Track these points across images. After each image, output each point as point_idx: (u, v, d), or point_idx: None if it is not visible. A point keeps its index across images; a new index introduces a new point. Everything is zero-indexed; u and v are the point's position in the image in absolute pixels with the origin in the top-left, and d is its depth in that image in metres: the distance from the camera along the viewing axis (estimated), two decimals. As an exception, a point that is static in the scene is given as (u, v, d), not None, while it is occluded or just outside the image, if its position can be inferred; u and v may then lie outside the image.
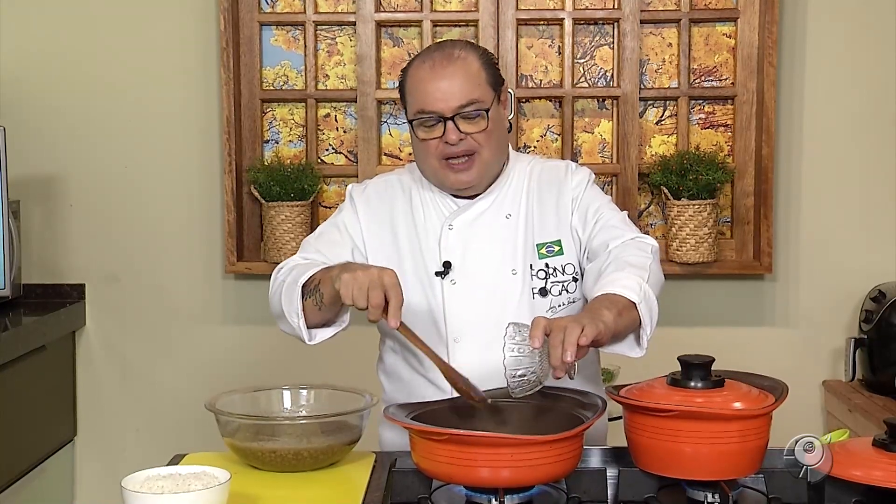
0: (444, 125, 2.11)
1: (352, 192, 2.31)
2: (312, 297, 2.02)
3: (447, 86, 2.11)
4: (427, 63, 2.15)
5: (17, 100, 3.50)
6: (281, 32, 3.53)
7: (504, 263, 2.21)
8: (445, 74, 2.12)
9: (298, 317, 2.04)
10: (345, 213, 2.29)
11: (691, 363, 1.82)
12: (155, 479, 1.68)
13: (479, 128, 2.13)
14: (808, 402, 3.49)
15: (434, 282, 2.20)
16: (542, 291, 2.21)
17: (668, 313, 3.38)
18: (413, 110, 2.15)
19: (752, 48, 3.44)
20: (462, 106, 2.11)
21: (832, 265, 3.49)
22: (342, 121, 3.54)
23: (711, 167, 3.32)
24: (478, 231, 2.22)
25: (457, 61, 2.14)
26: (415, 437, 1.79)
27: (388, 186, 2.31)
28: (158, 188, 3.54)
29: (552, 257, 2.22)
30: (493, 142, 2.17)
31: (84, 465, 3.59)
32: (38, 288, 3.52)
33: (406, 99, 2.19)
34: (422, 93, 2.13)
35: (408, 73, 2.19)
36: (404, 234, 2.24)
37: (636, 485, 1.83)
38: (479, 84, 2.14)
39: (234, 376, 3.35)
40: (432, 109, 2.12)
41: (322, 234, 2.28)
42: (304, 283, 2.01)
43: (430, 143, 2.14)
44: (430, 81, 2.12)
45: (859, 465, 1.72)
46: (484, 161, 2.16)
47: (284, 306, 2.06)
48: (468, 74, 2.13)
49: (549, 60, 3.50)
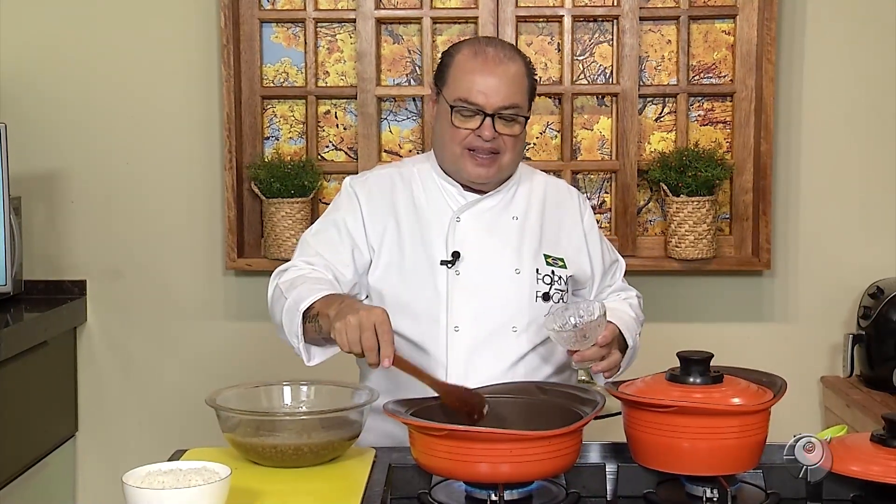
0: (483, 120, 2.17)
1: (353, 185, 2.33)
2: (313, 324, 2.05)
3: (495, 84, 2.18)
4: (480, 56, 2.20)
5: (18, 96, 3.51)
6: (281, 29, 3.53)
7: (508, 261, 2.26)
8: (496, 72, 2.18)
9: (299, 340, 2.08)
10: (344, 210, 2.30)
11: (690, 359, 1.83)
12: (156, 474, 1.69)
13: (513, 132, 2.21)
14: (807, 397, 3.50)
15: (438, 271, 2.23)
16: (546, 296, 2.26)
17: (667, 309, 3.44)
18: (455, 96, 2.20)
19: (751, 45, 3.44)
20: (504, 107, 2.18)
21: (830, 261, 3.49)
22: (342, 117, 3.54)
23: (710, 164, 3.33)
24: (485, 227, 2.28)
25: (508, 63, 2.20)
26: (414, 433, 1.79)
27: (388, 178, 2.35)
28: (159, 185, 3.54)
29: (557, 268, 2.30)
30: (517, 148, 2.26)
31: (85, 460, 3.60)
32: (40, 284, 3.52)
33: (447, 81, 2.23)
34: (469, 83, 2.19)
35: (455, 59, 2.24)
36: (408, 224, 2.28)
37: (635, 480, 1.84)
38: (522, 91, 2.22)
39: (235, 372, 3.36)
40: (475, 102, 2.18)
41: (320, 233, 2.30)
42: (304, 311, 2.04)
43: (461, 131, 2.20)
44: (480, 74, 2.18)
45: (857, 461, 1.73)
46: (504, 163, 2.25)
47: (285, 325, 2.10)
48: (515, 79, 2.20)
49: (548, 57, 3.51)
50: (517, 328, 2.23)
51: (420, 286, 2.22)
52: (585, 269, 2.36)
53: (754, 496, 1.82)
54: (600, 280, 2.41)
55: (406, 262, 2.25)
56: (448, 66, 2.24)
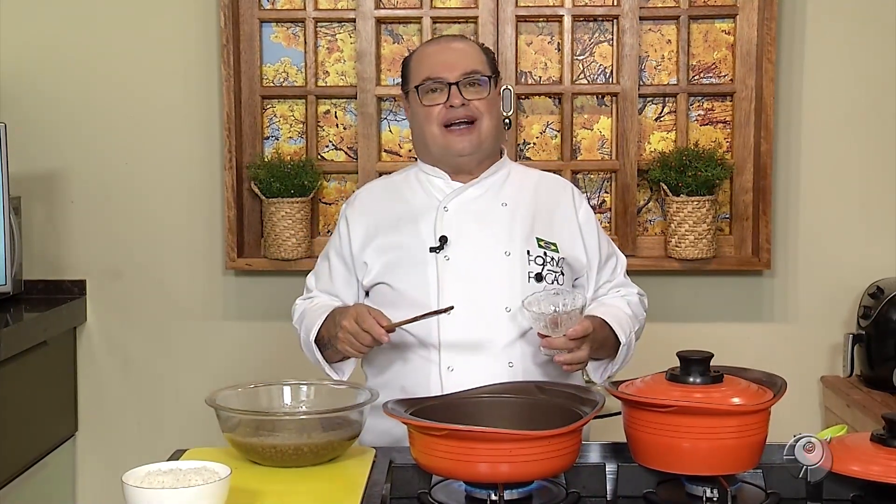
0: (449, 91, 2.30)
1: (344, 210, 2.47)
2: (331, 349, 2.30)
3: (453, 56, 2.34)
4: (433, 44, 2.42)
5: (18, 96, 3.51)
6: (281, 29, 3.53)
7: (498, 244, 2.30)
8: (450, 48, 2.37)
9: (323, 364, 2.35)
10: (334, 239, 2.45)
11: (690, 359, 1.83)
12: (156, 474, 1.69)
13: (481, 95, 2.32)
14: (807, 397, 3.50)
15: (428, 259, 2.29)
16: (538, 277, 2.30)
17: (667, 309, 3.44)
18: (419, 78, 2.33)
19: (751, 45, 3.44)
20: (466, 74, 2.31)
21: (830, 261, 3.49)
22: (342, 117, 3.54)
23: (710, 164, 3.33)
24: (472, 214, 2.34)
25: (460, 42, 2.42)
26: (414, 433, 1.79)
27: (375, 188, 2.49)
28: (159, 185, 3.54)
29: (550, 250, 2.33)
30: (493, 114, 2.34)
31: (85, 460, 3.60)
32: (40, 284, 3.52)
33: (410, 76, 2.37)
34: (428, 63, 2.34)
35: (413, 55, 2.42)
36: (398, 219, 2.35)
37: (635, 480, 1.84)
38: (480, 59, 2.36)
39: (235, 372, 3.36)
40: (438, 76, 2.31)
41: (317, 268, 2.49)
42: (315, 340, 2.30)
43: (433, 109, 2.32)
44: (437, 53, 2.36)
45: (857, 461, 1.73)
46: (484, 130, 2.33)
47: (310, 358, 2.37)
48: (469, 51, 2.38)
49: (548, 57, 3.51)
50: (510, 308, 2.25)
51: (411, 276, 2.28)
52: (580, 257, 2.38)
53: (754, 496, 1.82)
54: (597, 273, 2.41)
55: (397, 257, 2.31)
56: (407, 65, 2.41)
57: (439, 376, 2.23)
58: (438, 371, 2.24)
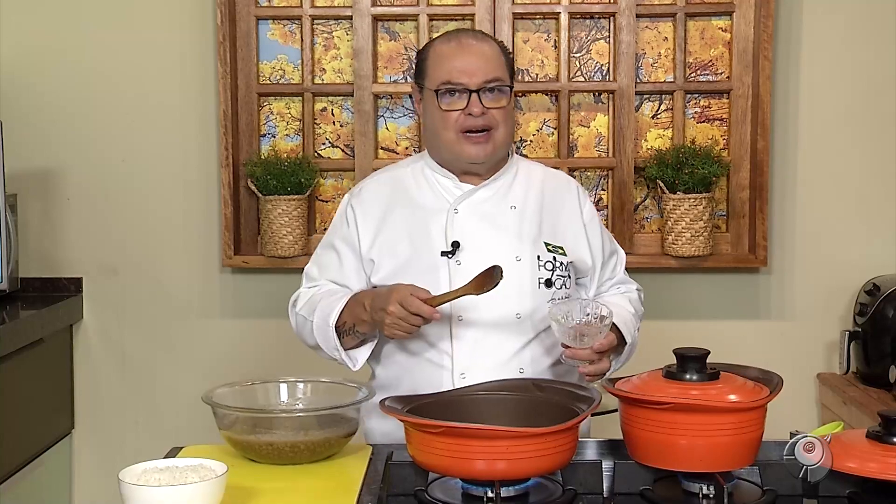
0: (469, 98, 2.23)
1: (349, 201, 2.40)
2: (351, 335, 2.24)
3: (475, 62, 2.26)
4: (454, 42, 2.30)
5: (14, 94, 3.50)
6: (278, 26, 3.53)
7: (508, 249, 2.28)
8: (473, 52, 2.27)
9: (339, 351, 2.26)
10: (339, 231, 2.38)
11: (687, 356, 1.83)
12: (152, 471, 1.69)
13: (500, 104, 2.26)
14: (803, 394, 3.50)
15: (439, 262, 2.27)
16: (548, 283, 2.29)
17: (664, 306, 3.44)
18: (438, 81, 2.26)
19: (748, 42, 3.45)
20: (487, 81, 2.25)
21: (827, 258, 3.49)
22: (339, 115, 3.54)
23: (707, 161, 3.33)
24: (483, 217, 2.31)
25: (482, 44, 2.30)
26: (411, 430, 1.79)
27: (382, 183, 2.41)
28: (156, 182, 3.54)
29: (558, 255, 2.32)
30: (508, 123, 2.31)
31: (82, 457, 3.59)
32: (36, 281, 3.52)
33: (427, 73, 2.30)
34: (448, 66, 2.26)
35: (430, 49, 2.32)
36: (407, 223, 2.32)
37: (631, 477, 1.85)
38: (501, 66, 2.29)
39: (232, 369, 3.36)
40: (459, 81, 2.24)
41: (320, 257, 2.40)
42: (336, 326, 2.23)
43: (451, 114, 2.26)
44: (458, 56, 2.26)
45: (854, 457, 1.73)
46: (499, 139, 2.29)
47: (321, 344, 2.28)
48: (492, 55, 2.29)
49: (545, 54, 3.51)
50: (521, 315, 2.25)
51: (423, 280, 2.23)
52: (585, 258, 2.37)
53: (751, 493, 1.82)
54: (600, 271, 2.42)
55: (407, 260, 2.28)
56: (426, 59, 2.32)
57: (452, 383, 2.21)
58: (451, 377, 2.23)
